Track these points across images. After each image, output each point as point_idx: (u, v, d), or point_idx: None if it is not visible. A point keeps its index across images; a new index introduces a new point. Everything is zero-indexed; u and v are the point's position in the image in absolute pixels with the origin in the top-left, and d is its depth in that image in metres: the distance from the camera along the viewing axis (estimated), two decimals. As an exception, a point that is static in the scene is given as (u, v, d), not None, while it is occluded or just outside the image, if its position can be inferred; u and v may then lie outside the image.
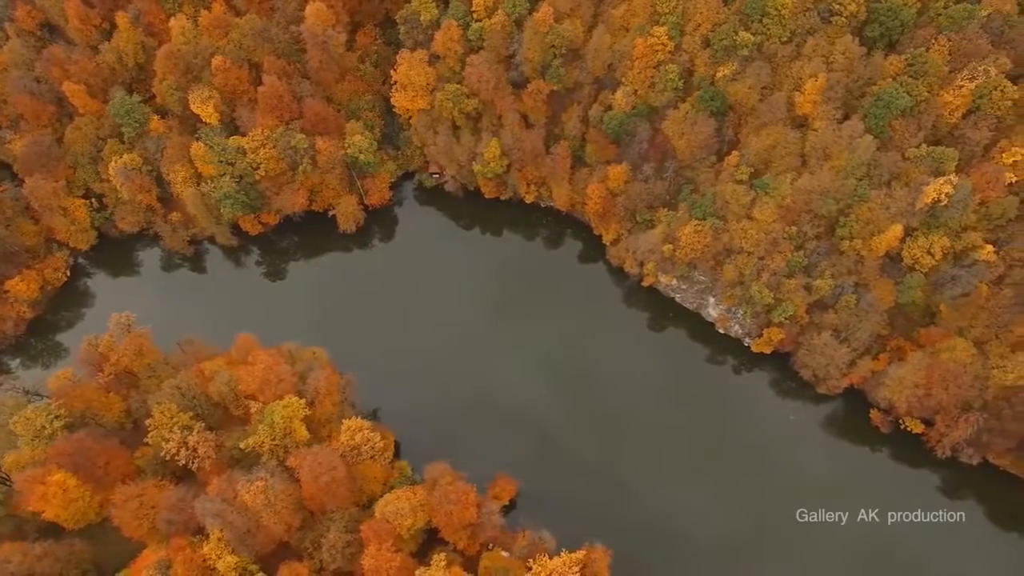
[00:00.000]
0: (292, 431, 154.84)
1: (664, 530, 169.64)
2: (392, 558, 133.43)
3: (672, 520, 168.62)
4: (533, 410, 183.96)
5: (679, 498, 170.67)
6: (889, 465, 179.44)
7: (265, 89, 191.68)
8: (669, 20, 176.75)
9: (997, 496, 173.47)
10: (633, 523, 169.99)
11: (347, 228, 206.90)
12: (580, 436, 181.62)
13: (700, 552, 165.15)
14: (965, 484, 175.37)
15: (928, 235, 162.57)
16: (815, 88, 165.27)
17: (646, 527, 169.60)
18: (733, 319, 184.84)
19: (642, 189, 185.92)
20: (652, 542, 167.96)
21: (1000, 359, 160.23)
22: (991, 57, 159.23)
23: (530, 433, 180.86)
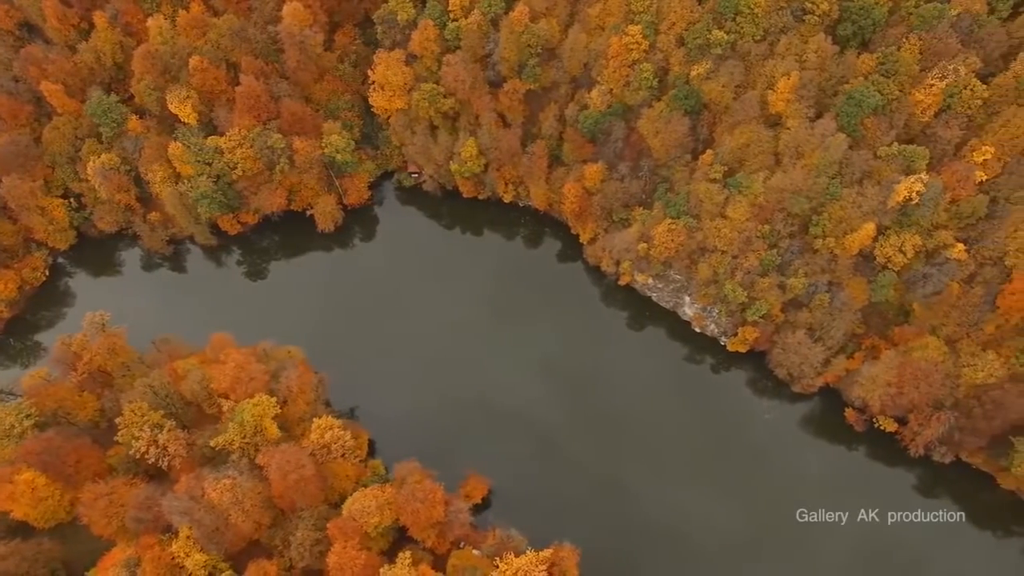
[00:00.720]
0: (263, 429, 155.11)
1: (638, 527, 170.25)
2: (357, 556, 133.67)
3: (647, 517, 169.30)
4: (513, 409, 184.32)
5: (658, 495, 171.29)
6: (864, 464, 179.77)
7: (242, 89, 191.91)
8: (643, 19, 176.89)
9: (971, 495, 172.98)
10: (609, 522, 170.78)
11: (325, 228, 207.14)
12: (559, 435, 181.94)
13: (681, 550, 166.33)
14: (940, 482, 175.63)
15: (900, 233, 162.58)
16: (788, 86, 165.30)
17: (620, 525, 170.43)
18: (708, 318, 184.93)
19: (618, 188, 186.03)
20: (622, 539, 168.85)
21: (971, 357, 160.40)
22: (961, 56, 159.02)
23: (509, 432, 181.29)
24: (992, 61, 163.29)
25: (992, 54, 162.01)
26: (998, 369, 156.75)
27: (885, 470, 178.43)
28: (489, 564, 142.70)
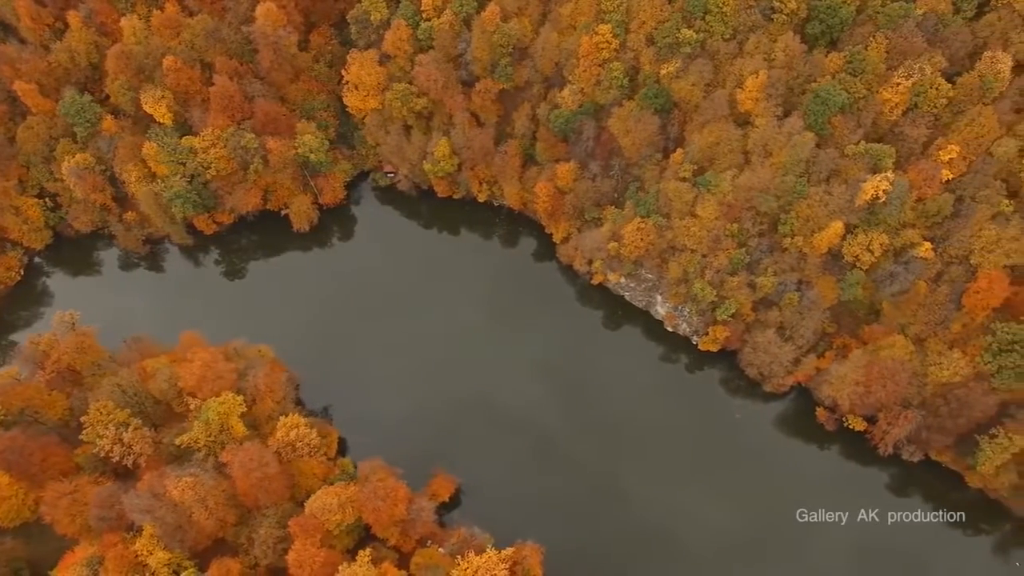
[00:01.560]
0: (229, 428, 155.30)
1: (612, 525, 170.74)
2: (316, 553, 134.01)
3: (620, 514, 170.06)
4: (489, 409, 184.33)
5: (633, 493, 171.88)
6: (836, 463, 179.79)
7: (216, 89, 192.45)
8: (613, 18, 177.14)
9: (942, 493, 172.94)
10: (586, 521, 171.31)
11: (300, 227, 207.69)
12: (536, 435, 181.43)
13: (657, 548, 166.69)
14: (912, 481, 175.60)
15: (868, 232, 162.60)
16: (756, 85, 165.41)
17: (595, 524, 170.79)
18: (680, 317, 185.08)
19: (589, 187, 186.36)
20: (597, 537, 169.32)
21: (937, 356, 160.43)
22: (926, 55, 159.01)
23: (485, 431, 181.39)
24: (958, 60, 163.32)
25: (957, 53, 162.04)
26: (963, 368, 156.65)
27: (857, 469, 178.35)
28: (451, 562, 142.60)
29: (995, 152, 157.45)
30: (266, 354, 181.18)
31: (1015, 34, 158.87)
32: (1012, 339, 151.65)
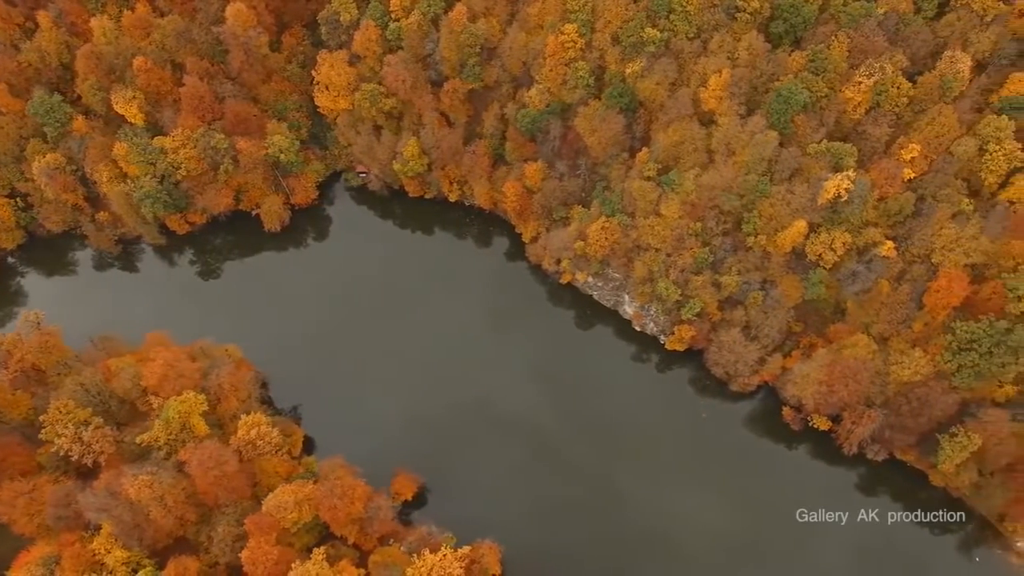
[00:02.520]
0: (191, 426, 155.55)
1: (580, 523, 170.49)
2: (270, 551, 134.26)
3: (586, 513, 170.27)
4: (460, 407, 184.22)
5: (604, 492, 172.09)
6: (803, 463, 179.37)
7: (186, 90, 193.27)
8: (579, 17, 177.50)
9: (909, 492, 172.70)
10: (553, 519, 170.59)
11: (272, 227, 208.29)
12: (508, 434, 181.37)
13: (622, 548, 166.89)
14: (880, 480, 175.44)
15: (830, 231, 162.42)
16: (719, 84, 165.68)
17: (562, 522, 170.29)
18: (647, 316, 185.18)
19: (556, 186, 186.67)
20: (564, 535, 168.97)
21: (900, 355, 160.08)
22: (887, 54, 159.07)
23: (458, 430, 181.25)
24: (919, 60, 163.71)
25: (918, 53, 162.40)
26: (924, 367, 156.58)
27: (825, 469, 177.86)
28: (407, 560, 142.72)
29: (955, 151, 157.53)
30: (233, 354, 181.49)
31: (974, 34, 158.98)
32: (970, 338, 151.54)
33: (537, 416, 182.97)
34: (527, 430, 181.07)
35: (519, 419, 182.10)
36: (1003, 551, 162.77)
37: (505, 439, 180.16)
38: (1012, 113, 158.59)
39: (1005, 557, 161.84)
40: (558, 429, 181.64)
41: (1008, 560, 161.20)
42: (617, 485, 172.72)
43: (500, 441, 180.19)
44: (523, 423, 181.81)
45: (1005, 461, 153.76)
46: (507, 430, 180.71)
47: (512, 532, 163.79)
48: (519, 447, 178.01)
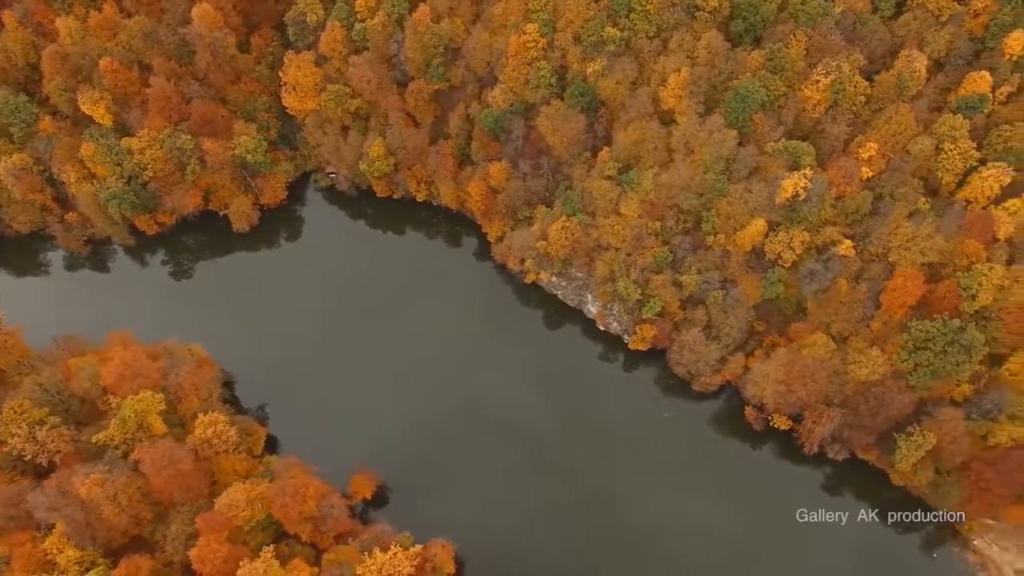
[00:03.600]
0: (149, 425, 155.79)
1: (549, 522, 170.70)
2: (219, 549, 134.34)
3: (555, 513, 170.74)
4: (430, 408, 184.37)
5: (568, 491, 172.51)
6: (767, 462, 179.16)
7: (153, 91, 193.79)
8: (540, 17, 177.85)
9: (871, 492, 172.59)
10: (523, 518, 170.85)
11: (241, 228, 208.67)
12: (475, 436, 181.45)
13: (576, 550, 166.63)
14: (846, 480, 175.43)
15: (789, 230, 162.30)
16: (678, 82, 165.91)
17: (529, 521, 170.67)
18: (610, 316, 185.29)
19: (520, 186, 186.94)
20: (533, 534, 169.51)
21: (857, 354, 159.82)
22: (844, 53, 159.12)
23: (427, 431, 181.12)
24: (877, 59, 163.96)
25: (876, 52, 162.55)
26: (881, 366, 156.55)
27: (789, 468, 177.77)
28: (359, 559, 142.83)
29: (912, 150, 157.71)
30: (197, 353, 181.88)
31: (930, 34, 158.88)
32: (925, 337, 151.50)
33: (505, 416, 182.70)
34: (496, 430, 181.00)
35: (489, 419, 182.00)
36: (961, 549, 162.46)
37: (475, 439, 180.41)
38: (968, 112, 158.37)
39: (963, 555, 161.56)
40: (526, 430, 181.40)
41: (965, 558, 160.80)
42: (583, 484, 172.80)
43: (470, 441, 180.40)
44: (492, 423, 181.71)
45: (959, 460, 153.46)
46: (476, 430, 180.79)
47: (479, 532, 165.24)
48: (489, 447, 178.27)
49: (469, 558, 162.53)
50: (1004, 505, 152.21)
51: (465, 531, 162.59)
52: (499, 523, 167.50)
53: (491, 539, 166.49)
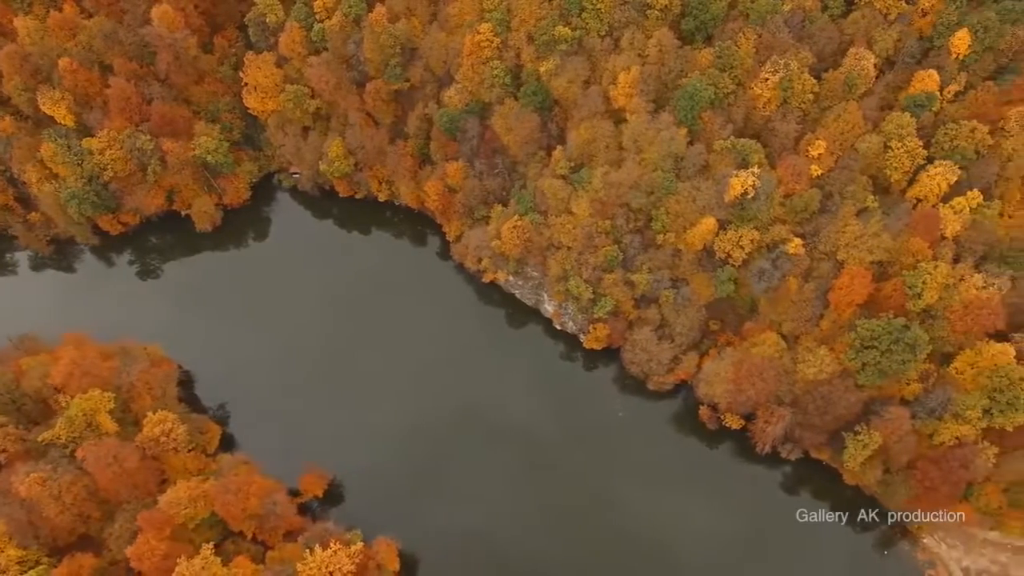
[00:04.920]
0: (98, 424, 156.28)
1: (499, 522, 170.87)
2: (157, 546, 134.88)
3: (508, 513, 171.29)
4: (392, 408, 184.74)
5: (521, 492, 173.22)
6: (723, 463, 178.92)
7: (113, 91, 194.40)
8: (494, 17, 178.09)
9: (826, 491, 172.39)
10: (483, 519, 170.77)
11: (204, 227, 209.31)
12: (436, 437, 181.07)
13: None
14: (804, 480, 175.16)
15: (738, 228, 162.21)
16: (628, 81, 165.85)
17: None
18: (566, 315, 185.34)
19: (476, 185, 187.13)
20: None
21: (806, 353, 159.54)
22: (792, 51, 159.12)
23: (389, 431, 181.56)
24: (826, 57, 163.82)
25: (824, 50, 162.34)
26: (829, 365, 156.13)
27: (746, 468, 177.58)
28: (301, 556, 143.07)
29: (860, 148, 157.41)
30: (154, 352, 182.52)
31: (878, 32, 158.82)
32: (871, 335, 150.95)
33: (467, 416, 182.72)
34: (459, 430, 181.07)
35: (451, 419, 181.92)
36: (911, 547, 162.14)
37: (439, 439, 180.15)
38: (916, 111, 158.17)
39: (913, 553, 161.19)
40: (487, 430, 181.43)
41: (915, 556, 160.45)
42: (543, 484, 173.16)
43: (434, 441, 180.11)
44: (455, 423, 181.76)
45: (906, 458, 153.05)
46: (440, 431, 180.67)
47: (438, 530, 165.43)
48: (453, 447, 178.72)
49: (425, 556, 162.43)
50: (949, 503, 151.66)
51: (426, 530, 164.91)
52: (463, 522, 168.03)
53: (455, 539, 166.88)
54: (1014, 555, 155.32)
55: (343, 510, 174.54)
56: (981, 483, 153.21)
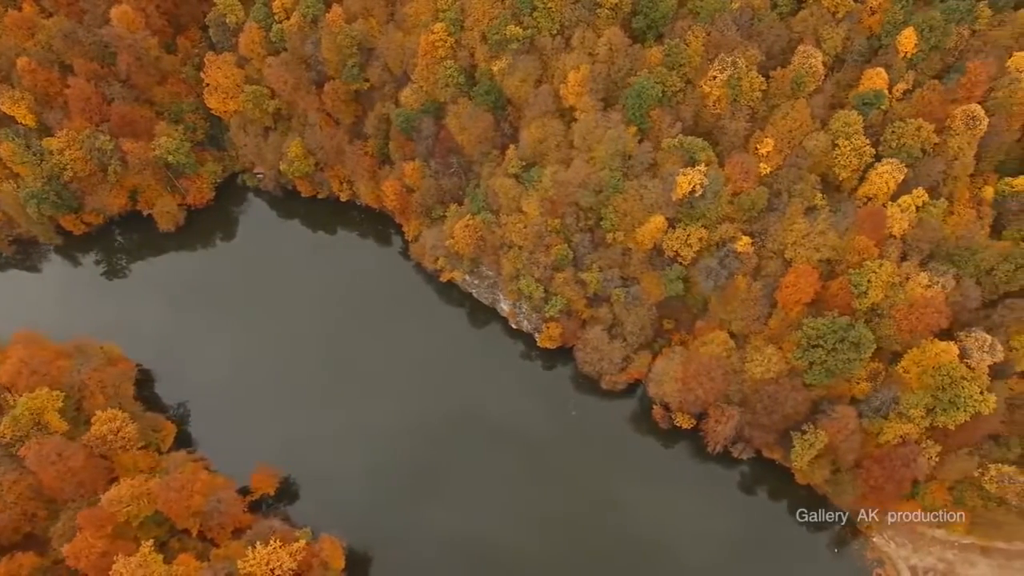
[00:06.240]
0: (46, 423, 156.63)
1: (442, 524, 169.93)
2: (94, 544, 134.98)
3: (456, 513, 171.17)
4: (351, 407, 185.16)
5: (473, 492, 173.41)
6: (679, 462, 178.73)
7: (72, 91, 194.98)
8: (448, 16, 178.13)
9: (779, 491, 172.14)
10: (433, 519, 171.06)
11: (167, 228, 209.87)
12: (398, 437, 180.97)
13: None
14: (757, 480, 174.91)
15: (686, 227, 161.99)
16: (577, 79, 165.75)
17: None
18: (520, 314, 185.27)
19: (433, 185, 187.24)
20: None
21: (754, 352, 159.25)
22: (740, 49, 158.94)
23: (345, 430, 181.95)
24: (775, 55, 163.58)
25: (773, 48, 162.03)
26: (776, 364, 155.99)
27: (700, 467, 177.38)
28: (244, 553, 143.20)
29: (807, 145, 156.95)
30: (111, 351, 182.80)
31: (826, 30, 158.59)
32: (817, 334, 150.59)
33: (426, 416, 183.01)
34: (420, 429, 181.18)
35: (413, 419, 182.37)
36: (861, 546, 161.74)
37: (399, 439, 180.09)
38: (864, 109, 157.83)
39: (862, 552, 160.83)
40: (449, 429, 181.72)
41: (864, 555, 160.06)
42: (497, 483, 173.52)
43: (393, 441, 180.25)
44: (416, 423, 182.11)
45: (853, 457, 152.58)
46: (399, 430, 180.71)
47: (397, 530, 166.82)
48: (413, 447, 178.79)
49: (379, 556, 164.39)
50: (894, 502, 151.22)
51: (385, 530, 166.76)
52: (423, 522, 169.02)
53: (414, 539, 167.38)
54: (960, 552, 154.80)
55: (302, 510, 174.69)
56: (927, 481, 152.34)
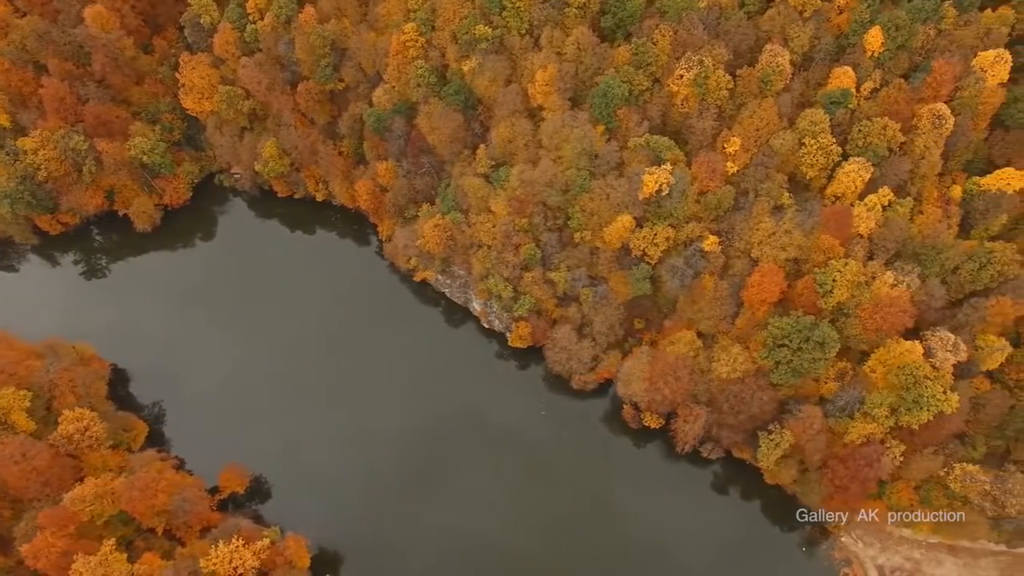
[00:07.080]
0: (13, 423, 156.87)
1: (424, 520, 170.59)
2: (54, 543, 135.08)
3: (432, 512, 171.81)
4: (322, 408, 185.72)
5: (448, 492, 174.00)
6: (649, 462, 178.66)
7: (46, 91, 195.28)
8: (419, 16, 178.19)
9: (751, 491, 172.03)
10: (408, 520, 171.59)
11: (143, 228, 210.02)
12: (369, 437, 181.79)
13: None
14: (729, 480, 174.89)
15: (653, 226, 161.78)
16: (545, 79, 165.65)
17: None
18: (491, 314, 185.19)
19: (405, 185, 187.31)
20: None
21: (721, 351, 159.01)
22: (707, 47, 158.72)
23: (318, 431, 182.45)
24: (743, 54, 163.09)
25: (740, 47, 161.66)
26: (743, 363, 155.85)
27: (670, 467, 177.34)
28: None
29: (774, 144, 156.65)
30: (83, 351, 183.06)
31: (793, 29, 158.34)
32: (783, 334, 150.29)
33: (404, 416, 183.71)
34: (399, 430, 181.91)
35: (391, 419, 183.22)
36: (829, 546, 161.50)
37: (375, 439, 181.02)
38: (832, 108, 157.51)
39: (829, 552, 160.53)
40: (426, 429, 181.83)
41: (832, 555, 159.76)
42: (464, 481, 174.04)
43: (370, 440, 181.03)
44: (394, 423, 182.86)
45: (819, 457, 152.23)
46: (376, 430, 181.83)
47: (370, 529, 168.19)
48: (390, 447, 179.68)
49: (350, 555, 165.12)
50: (859, 501, 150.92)
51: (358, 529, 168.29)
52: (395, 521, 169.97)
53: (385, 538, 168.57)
54: (927, 552, 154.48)
55: (274, 510, 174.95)
56: (893, 481, 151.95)
